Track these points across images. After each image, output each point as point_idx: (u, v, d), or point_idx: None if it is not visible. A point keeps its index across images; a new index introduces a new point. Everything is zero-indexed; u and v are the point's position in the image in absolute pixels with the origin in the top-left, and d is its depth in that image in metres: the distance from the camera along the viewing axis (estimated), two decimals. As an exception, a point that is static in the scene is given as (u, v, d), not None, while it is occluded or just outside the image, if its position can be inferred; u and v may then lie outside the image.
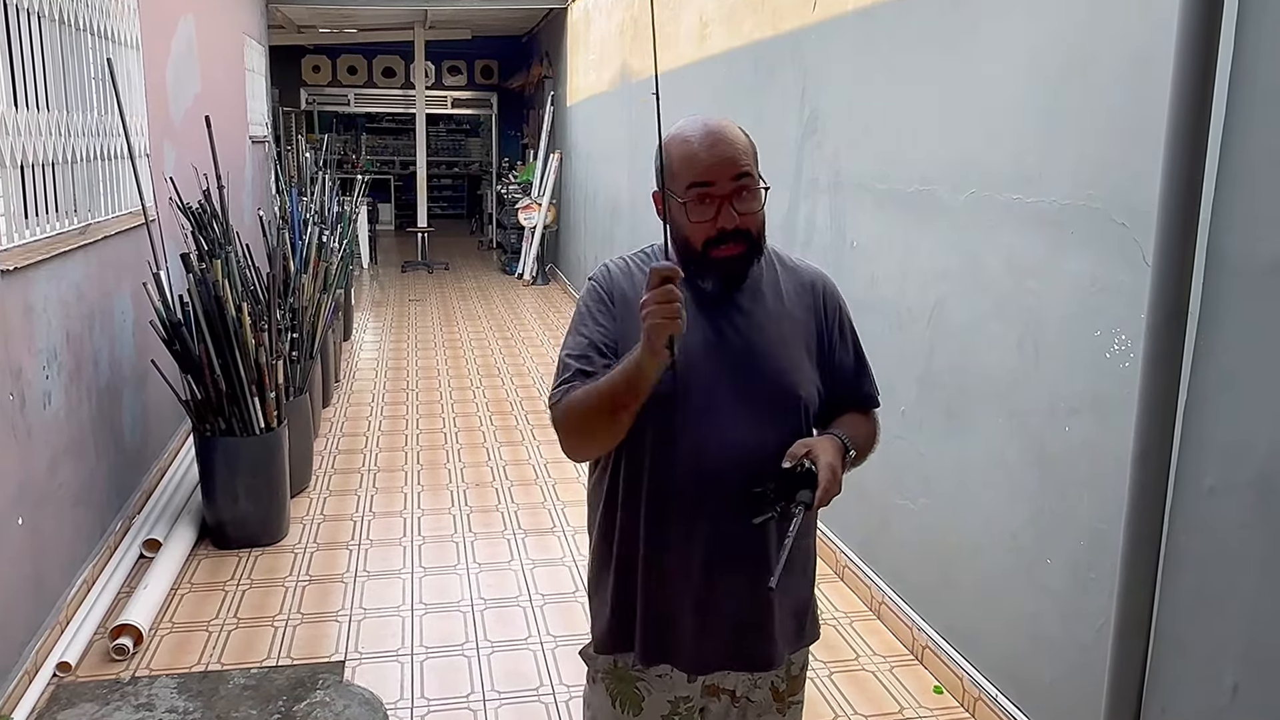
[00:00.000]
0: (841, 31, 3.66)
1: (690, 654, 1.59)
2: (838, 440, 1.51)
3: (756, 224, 1.52)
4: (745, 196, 1.50)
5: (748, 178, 1.50)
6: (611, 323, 1.56)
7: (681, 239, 1.54)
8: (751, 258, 1.54)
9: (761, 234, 1.55)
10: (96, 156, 3.82)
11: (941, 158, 2.98)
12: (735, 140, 1.51)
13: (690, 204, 1.50)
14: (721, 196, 1.48)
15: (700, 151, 1.49)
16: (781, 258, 1.66)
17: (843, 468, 1.48)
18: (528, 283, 10.84)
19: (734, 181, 1.48)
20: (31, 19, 3.19)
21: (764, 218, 1.55)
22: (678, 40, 5.97)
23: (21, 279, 2.95)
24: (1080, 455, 2.38)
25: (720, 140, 1.50)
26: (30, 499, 2.94)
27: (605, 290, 1.59)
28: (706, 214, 1.49)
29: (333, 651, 3.14)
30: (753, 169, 1.51)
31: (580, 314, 1.60)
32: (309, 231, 5.16)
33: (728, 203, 1.48)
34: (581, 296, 1.63)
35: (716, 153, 1.49)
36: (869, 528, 3.51)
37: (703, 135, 1.51)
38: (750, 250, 1.53)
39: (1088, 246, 2.33)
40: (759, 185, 1.52)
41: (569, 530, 4.15)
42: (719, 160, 1.48)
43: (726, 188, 1.48)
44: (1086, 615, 2.36)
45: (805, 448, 1.47)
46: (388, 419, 5.72)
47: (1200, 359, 1.94)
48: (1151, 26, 2.11)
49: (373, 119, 16.98)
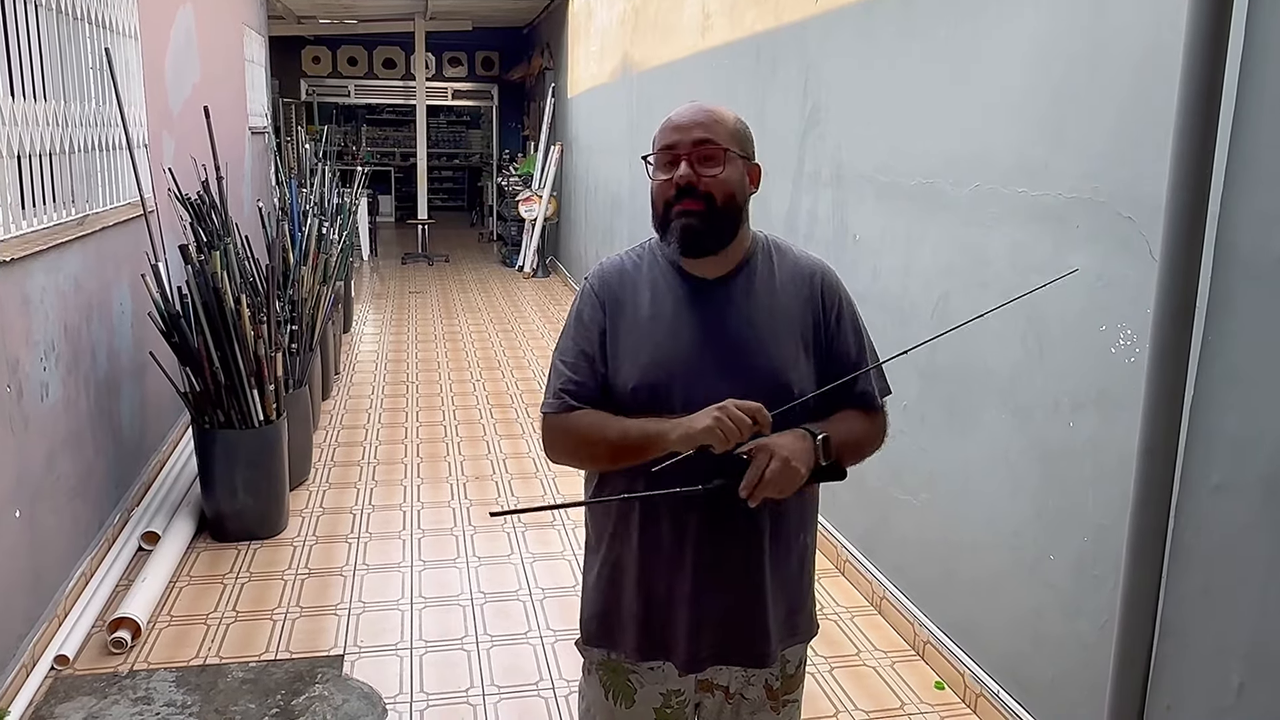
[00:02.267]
0: (844, 23, 3.64)
1: (684, 650, 1.58)
2: (802, 433, 1.48)
3: (721, 189, 1.52)
4: (707, 160, 1.52)
5: (710, 144, 1.52)
6: (602, 322, 1.59)
7: (652, 206, 1.58)
8: (711, 220, 1.52)
9: (730, 204, 1.53)
10: (94, 147, 3.80)
11: (945, 150, 2.96)
12: (713, 113, 1.55)
13: (658, 167, 1.56)
14: (682, 155, 1.52)
15: (674, 118, 1.56)
16: (781, 249, 1.65)
17: (812, 460, 1.45)
18: (528, 275, 10.82)
19: (695, 145, 1.52)
20: (29, 8, 3.16)
21: (736, 189, 1.54)
22: (680, 31, 5.94)
23: (19, 270, 2.93)
24: (1084, 451, 2.37)
25: (697, 111, 1.56)
26: (28, 492, 2.93)
27: (596, 291, 1.63)
28: (668, 173, 1.54)
29: (332, 645, 3.13)
30: (720, 139, 1.53)
31: (572, 316, 1.64)
32: (308, 223, 5.14)
33: (688, 161, 1.52)
34: (576, 295, 1.66)
35: (686, 117, 1.55)
36: (870, 522, 3.50)
37: (685, 107, 1.58)
38: (710, 214, 1.52)
39: (1093, 241, 2.31)
40: (724, 151, 1.52)
41: (569, 524, 4.13)
42: (686, 124, 1.54)
43: (686, 148, 1.52)
44: (1089, 612, 2.34)
45: (760, 441, 1.44)
46: (387, 412, 5.71)
47: (1207, 354, 1.93)
48: (1159, 17, 2.08)
49: (373, 110, 16.94)
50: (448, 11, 12.22)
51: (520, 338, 7.76)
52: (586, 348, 1.59)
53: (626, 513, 1.60)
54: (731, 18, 4.91)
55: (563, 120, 10.99)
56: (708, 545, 1.54)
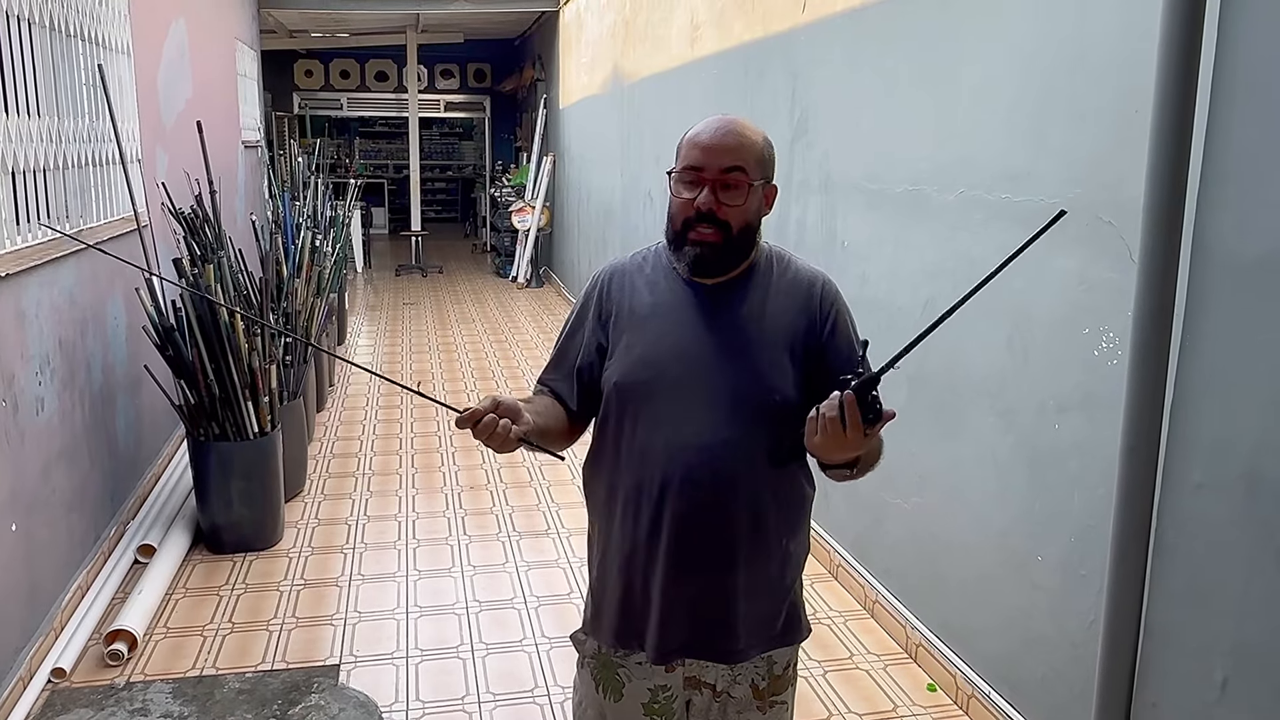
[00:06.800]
0: (831, 32, 3.68)
1: (654, 640, 1.62)
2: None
3: (739, 218, 1.54)
4: (731, 188, 1.53)
5: (738, 172, 1.52)
6: (592, 323, 1.67)
7: (669, 219, 1.59)
8: (725, 250, 1.55)
9: (746, 232, 1.56)
10: (88, 162, 3.82)
11: (931, 157, 3.00)
12: (742, 136, 1.55)
13: (680, 183, 1.55)
14: (707, 180, 1.52)
15: (703, 136, 1.55)
16: (784, 259, 1.67)
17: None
18: (522, 285, 10.84)
19: (722, 173, 1.52)
20: (22, 25, 3.19)
21: (753, 217, 1.57)
22: (669, 42, 5.98)
23: (14, 285, 2.95)
24: (1070, 453, 2.40)
25: (728, 133, 1.54)
26: (23, 505, 2.94)
27: (597, 290, 1.70)
28: (690, 193, 1.54)
29: (327, 655, 3.14)
30: (748, 167, 1.53)
31: (572, 313, 1.74)
32: (302, 236, 5.16)
33: (711, 188, 1.52)
34: (581, 293, 1.75)
35: (716, 140, 1.54)
36: (862, 527, 3.53)
37: (715, 125, 1.56)
38: (725, 242, 1.54)
39: (1075, 245, 2.34)
40: (751, 183, 1.53)
41: (564, 532, 4.15)
42: (715, 147, 1.53)
43: (713, 174, 1.52)
44: (1077, 612, 2.37)
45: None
46: (382, 423, 5.72)
47: (1186, 355, 1.96)
48: (1137, 26, 2.12)
49: (366, 123, 16.98)
50: (439, 24, 12.27)
51: (514, 348, 7.78)
52: (568, 346, 1.70)
53: (610, 509, 1.65)
54: (720, 28, 4.96)
55: (555, 131, 11.03)
56: (682, 541, 1.57)
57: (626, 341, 1.61)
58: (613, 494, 1.64)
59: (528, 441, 1.49)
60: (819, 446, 1.40)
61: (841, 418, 1.33)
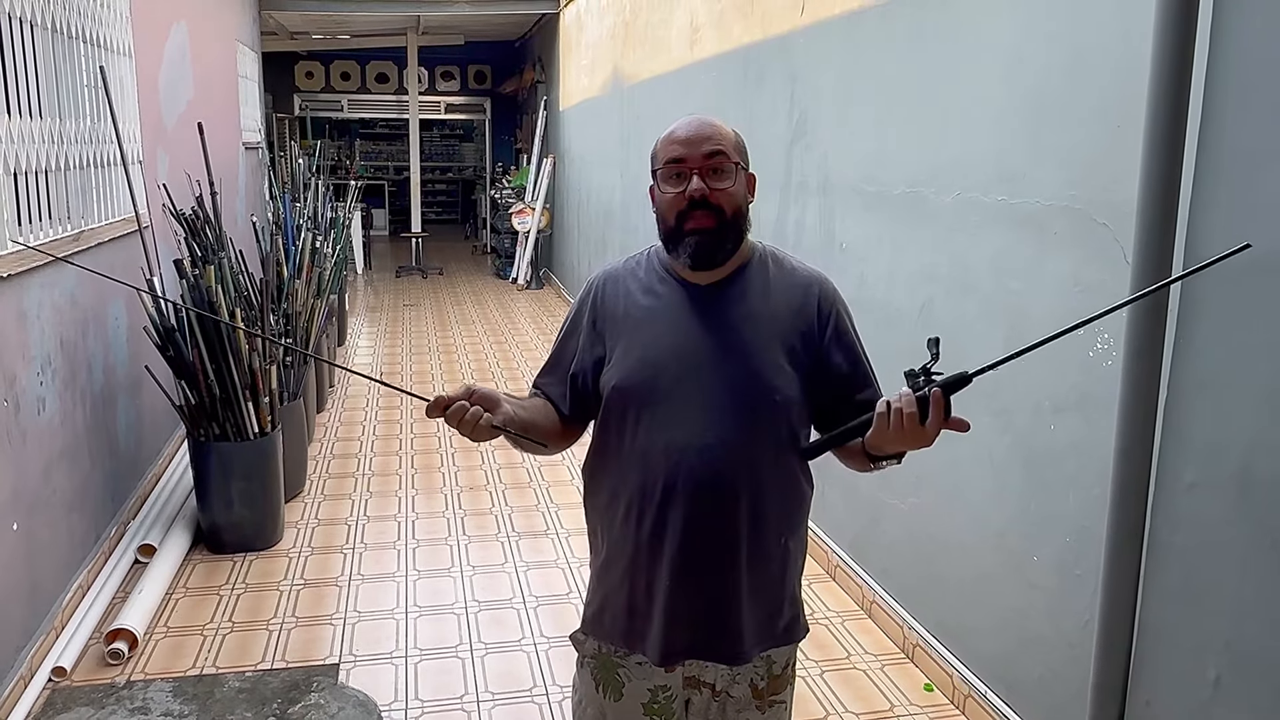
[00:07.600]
0: (830, 35, 3.69)
1: (658, 643, 1.62)
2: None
3: (730, 202, 1.56)
4: (718, 173, 1.55)
5: (720, 156, 1.55)
6: (586, 327, 1.69)
7: (660, 219, 1.60)
8: (724, 235, 1.56)
9: (738, 216, 1.57)
10: (90, 164, 3.83)
11: (929, 159, 3.01)
12: (716, 126, 1.58)
13: (666, 181, 1.57)
14: (692, 169, 1.54)
15: (679, 131, 1.58)
16: (779, 259, 1.68)
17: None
18: (522, 287, 10.86)
19: (706, 159, 1.54)
20: (24, 27, 3.20)
21: (742, 201, 1.58)
22: (669, 44, 6.00)
23: (15, 286, 2.96)
24: (1065, 453, 2.41)
25: (700, 124, 1.57)
26: (24, 505, 2.96)
27: (590, 296, 1.71)
28: (678, 186, 1.56)
29: (327, 654, 3.15)
30: (728, 151, 1.56)
31: (566, 317, 1.76)
32: (302, 237, 5.17)
33: (698, 175, 1.54)
34: (575, 298, 1.76)
35: (691, 130, 1.56)
36: (859, 527, 3.54)
37: (688, 120, 1.59)
38: (721, 226, 1.56)
39: (1070, 247, 2.36)
40: (734, 164, 1.56)
41: (563, 533, 4.16)
42: (692, 136, 1.56)
43: (697, 161, 1.54)
44: (1073, 611, 2.38)
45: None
46: (382, 423, 5.74)
47: (1180, 356, 1.97)
48: (1132, 29, 2.14)
49: (366, 125, 17.02)
50: (440, 26, 12.29)
51: (514, 349, 7.79)
52: (562, 352, 1.72)
53: (611, 511, 1.65)
54: (719, 30, 4.97)
55: (555, 133, 11.05)
56: (685, 544, 1.57)
57: (624, 345, 1.62)
58: (614, 497, 1.64)
59: (508, 432, 1.51)
60: (888, 438, 1.43)
61: (922, 413, 1.38)
